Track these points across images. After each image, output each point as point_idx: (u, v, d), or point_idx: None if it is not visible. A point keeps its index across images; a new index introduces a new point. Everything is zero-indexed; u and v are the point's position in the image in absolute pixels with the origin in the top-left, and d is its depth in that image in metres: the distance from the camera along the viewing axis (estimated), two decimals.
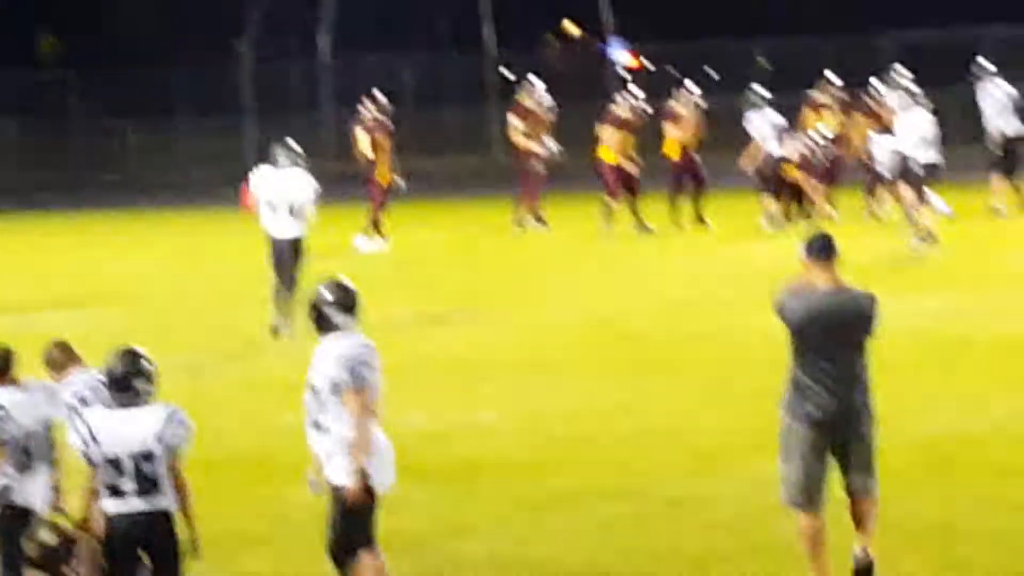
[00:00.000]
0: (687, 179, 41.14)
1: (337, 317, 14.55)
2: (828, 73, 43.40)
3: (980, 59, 42.44)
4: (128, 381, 12.99)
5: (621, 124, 40.47)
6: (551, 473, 19.11)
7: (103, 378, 13.50)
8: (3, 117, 69.46)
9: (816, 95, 43.12)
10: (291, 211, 29.39)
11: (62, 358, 14.66)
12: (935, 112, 36.86)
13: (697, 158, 41.40)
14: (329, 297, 14.74)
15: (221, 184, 57.10)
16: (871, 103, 41.00)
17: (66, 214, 54.06)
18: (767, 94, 40.81)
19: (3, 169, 66.63)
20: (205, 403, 19.75)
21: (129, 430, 12.93)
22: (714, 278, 33.20)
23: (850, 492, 14.37)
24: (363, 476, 14.28)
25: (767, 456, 18.07)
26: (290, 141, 29.57)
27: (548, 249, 39.80)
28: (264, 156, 29.97)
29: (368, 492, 14.20)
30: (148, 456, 12.80)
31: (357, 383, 14.19)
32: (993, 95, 40.73)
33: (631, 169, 39.83)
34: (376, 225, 39.99)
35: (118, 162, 67.75)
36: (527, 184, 42.60)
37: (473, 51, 72.71)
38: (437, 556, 16.10)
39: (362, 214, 40.12)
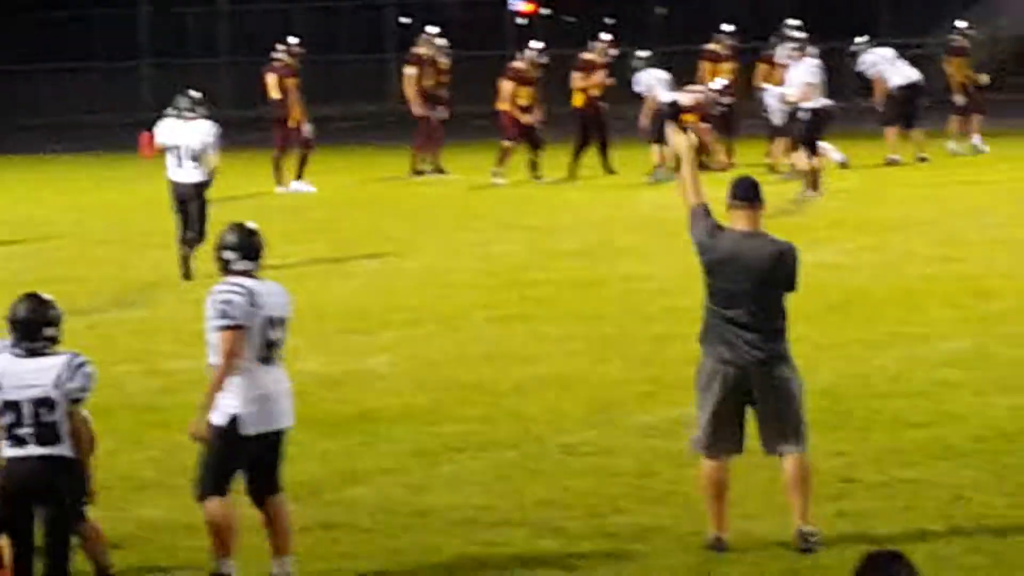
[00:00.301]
0: (593, 129, 41.51)
1: (238, 263, 14.45)
2: (724, 26, 44.11)
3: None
4: (31, 327, 12.97)
5: (519, 78, 40.82)
6: (445, 420, 19.18)
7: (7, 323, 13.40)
8: None
9: (713, 47, 43.78)
10: (193, 157, 29.66)
11: None
12: (828, 64, 37.70)
13: (604, 107, 41.97)
14: (230, 242, 14.67)
15: (119, 129, 57.29)
16: (765, 56, 41.87)
17: None
18: (646, 54, 41.26)
19: None
20: (101, 348, 19.68)
21: (30, 376, 12.90)
22: (610, 227, 33.58)
23: (764, 447, 14.42)
24: (202, 414, 14.16)
25: (661, 404, 18.62)
26: (192, 91, 29.85)
27: (447, 198, 40.00)
28: (161, 101, 30.20)
29: (228, 433, 13.95)
30: (47, 403, 12.75)
31: (219, 322, 14.12)
32: (875, 51, 41.64)
33: (530, 121, 40.24)
34: (277, 168, 39.99)
35: (27, 106, 67.87)
36: (424, 133, 42.77)
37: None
38: (331, 503, 16.13)
39: (263, 160, 40.46)
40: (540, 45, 42.73)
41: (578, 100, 42.43)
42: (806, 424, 14.41)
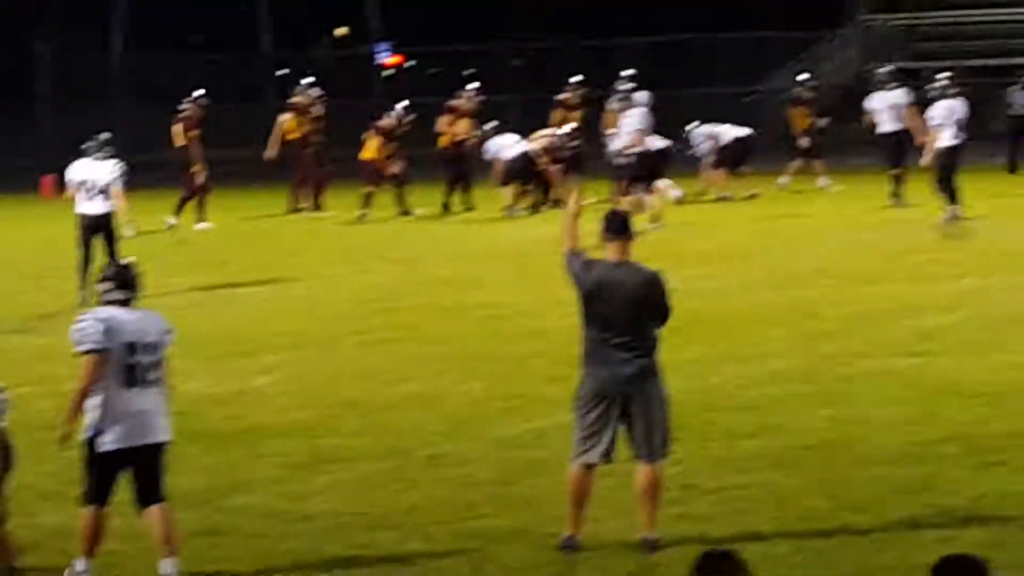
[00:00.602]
0: (457, 169, 41.88)
1: (111, 293, 14.59)
2: (572, 77, 45.22)
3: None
4: None
5: (385, 134, 40.73)
6: (323, 435, 19.35)
7: None
8: None
9: (564, 97, 44.90)
10: (101, 191, 29.82)
11: None
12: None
13: (468, 149, 42.41)
14: (105, 274, 14.96)
15: (17, 172, 56.53)
16: (608, 105, 42.79)
17: None
18: (492, 125, 41.80)
19: None
20: (4, 372, 19.57)
21: None
22: (473, 258, 33.79)
23: (635, 456, 14.65)
24: (62, 428, 14.35)
25: (520, 418, 19.01)
26: (101, 136, 29.78)
27: (323, 233, 40.22)
28: (60, 144, 30.51)
29: (90, 449, 14.15)
30: None
31: (75, 348, 14.27)
32: (701, 130, 42.83)
33: (394, 171, 40.19)
34: (180, 207, 39.92)
35: None
36: (302, 173, 43.06)
37: (252, 52, 73.62)
38: (217, 510, 16.26)
39: (158, 200, 40.15)
40: (406, 103, 42.64)
41: (443, 141, 42.57)
42: (671, 437, 14.75)
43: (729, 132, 43.39)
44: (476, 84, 45.40)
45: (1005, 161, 45.66)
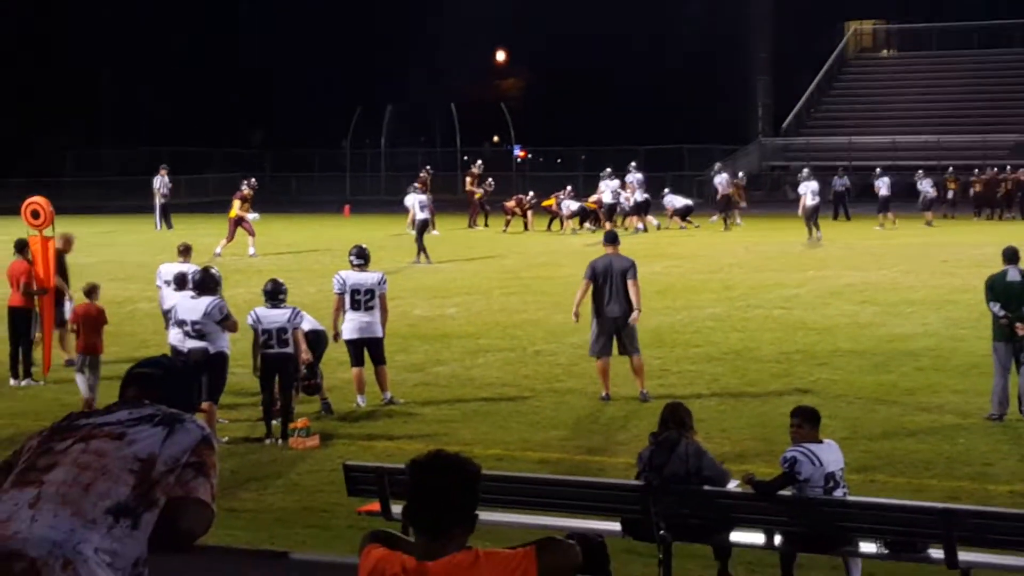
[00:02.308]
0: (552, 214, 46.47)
1: (354, 260, 16.52)
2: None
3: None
4: None
5: (244, 198, 37.50)
6: (480, 338, 21.57)
7: None
8: None
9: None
10: (423, 208, 35.00)
11: None
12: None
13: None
14: (352, 251, 16.73)
15: (329, 200, 60.29)
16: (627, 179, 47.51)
17: None
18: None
19: None
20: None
21: None
22: (557, 253, 36.10)
23: (625, 353, 16.64)
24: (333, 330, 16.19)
25: (579, 333, 19.91)
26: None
27: (481, 238, 41.66)
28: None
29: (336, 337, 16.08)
30: None
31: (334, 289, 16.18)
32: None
33: (248, 226, 36.87)
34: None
35: None
36: (474, 208, 48.70)
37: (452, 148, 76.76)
38: (426, 375, 18.36)
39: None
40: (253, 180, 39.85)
41: (548, 202, 47.02)
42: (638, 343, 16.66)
43: (681, 200, 48.17)
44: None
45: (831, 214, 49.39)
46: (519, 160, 78.68)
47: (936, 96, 73.55)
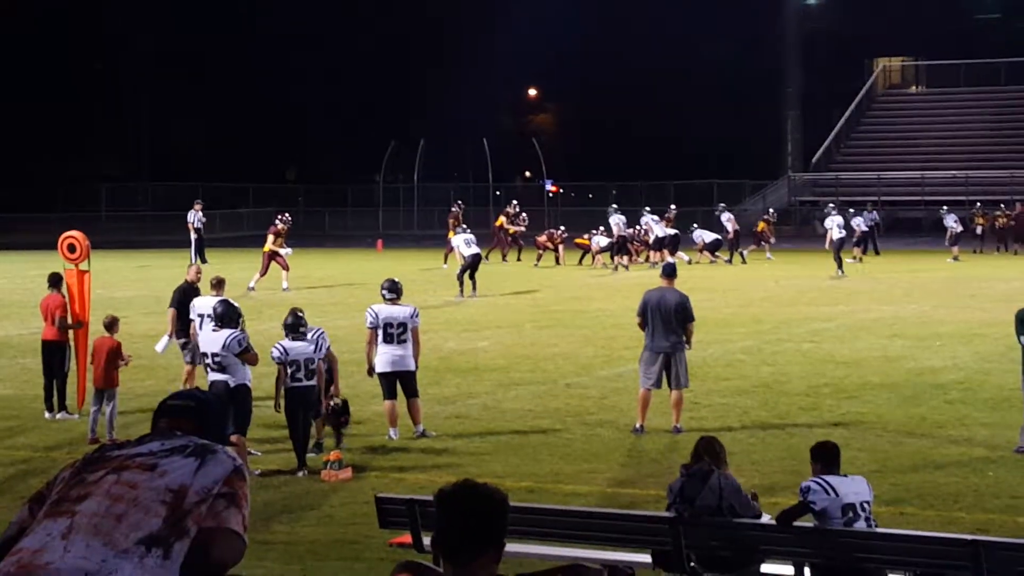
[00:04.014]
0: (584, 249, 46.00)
1: (386, 294, 16.48)
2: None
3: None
4: None
5: (277, 233, 37.11)
6: (511, 372, 21.50)
7: None
8: None
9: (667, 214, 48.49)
10: (475, 243, 35.11)
11: None
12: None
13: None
14: (385, 285, 16.65)
15: (364, 235, 59.99)
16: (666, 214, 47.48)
17: None
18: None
19: None
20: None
21: None
22: (589, 288, 35.87)
23: (670, 387, 16.60)
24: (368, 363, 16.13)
25: (612, 366, 21.06)
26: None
27: (512, 272, 41.44)
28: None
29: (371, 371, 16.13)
30: None
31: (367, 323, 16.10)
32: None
33: (282, 260, 36.57)
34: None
35: None
36: (506, 243, 47.94)
37: (484, 183, 76.62)
38: (458, 407, 18.31)
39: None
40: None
41: (583, 240, 47.39)
42: (688, 378, 16.68)
43: (711, 235, 47.93)
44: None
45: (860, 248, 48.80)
46: (551, 195, 78.88)
47: (964, 132, 73.40)
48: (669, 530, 9.57)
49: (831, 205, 46.43)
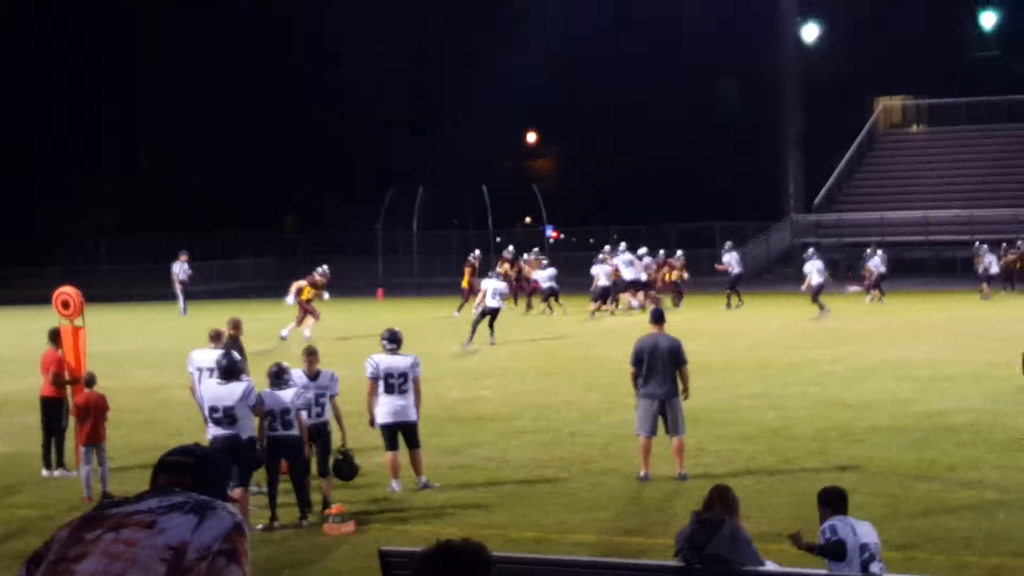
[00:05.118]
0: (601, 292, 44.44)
1: (386, 344, 16.38)
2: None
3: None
4: None
5: (313, 283, 37.33)
6: (514, 420, 21.46)
7: None
8: None
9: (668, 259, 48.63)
10: (499, 295, 34.53)
11: None
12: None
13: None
14: (384, 335, 16.57)
15: (364, 284, 59.66)
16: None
17: None
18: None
19: None
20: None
21: None
22: (591, 335, 36.27)
23: (668, 433, 16.55)
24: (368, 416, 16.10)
25: (615, 413, 20.96)
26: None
27: (509, 319, 41.68)
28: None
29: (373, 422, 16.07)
30: None
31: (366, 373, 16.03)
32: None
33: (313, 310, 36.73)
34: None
35: None
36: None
37: (485, 230, 76.81)
38: (462, 456, 18.24)
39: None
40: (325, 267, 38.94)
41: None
42: (685, 424, 16.57)
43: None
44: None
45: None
46: (551, 241, 78.97)
47: (967, 170, 73.54)
48: None
49: (811, 249, 46.35)
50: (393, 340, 16.43)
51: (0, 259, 70.01)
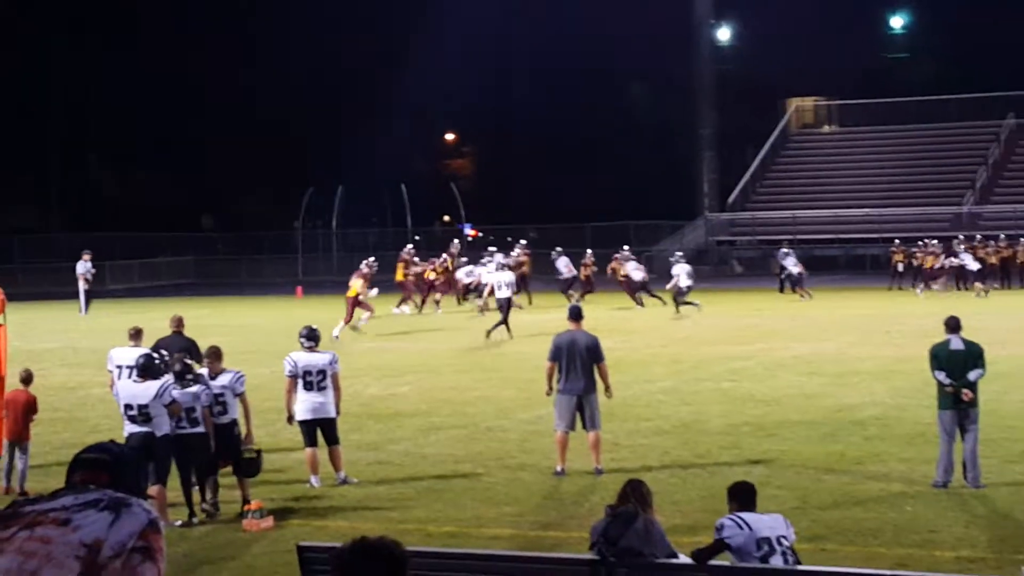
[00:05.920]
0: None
1: (304, 342, 16.25)
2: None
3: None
4: None
5: (364, 276, 36.78)
6: (431, 416, 21.39)
7: None
8: None
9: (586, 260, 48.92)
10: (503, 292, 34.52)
11: None
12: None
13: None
14: (302, 333, 16.46)
15: (282, 283, 58.86)
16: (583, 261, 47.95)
17: None
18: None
19: None
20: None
21: None
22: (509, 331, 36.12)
23: (585, 428, 16.55)
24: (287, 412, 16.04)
25: (531, 409, 20.76)
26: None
27: (428, 318, 42.11)
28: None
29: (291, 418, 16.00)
30: None
31: (285, 371, 15.97)
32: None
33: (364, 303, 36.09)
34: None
35: None
36: (439, 288, 44.01)
37: (403, 227, 75.80)
38: (381, 452, 18.14)
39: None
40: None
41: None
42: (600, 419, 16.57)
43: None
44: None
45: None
46: (470, 239, 79.11)
47: (877, 170, 74.43)
48: (591, 572, 9.56)
49: (678, 253, 46.88)
50: (311, 338, 16.37)
51: None
